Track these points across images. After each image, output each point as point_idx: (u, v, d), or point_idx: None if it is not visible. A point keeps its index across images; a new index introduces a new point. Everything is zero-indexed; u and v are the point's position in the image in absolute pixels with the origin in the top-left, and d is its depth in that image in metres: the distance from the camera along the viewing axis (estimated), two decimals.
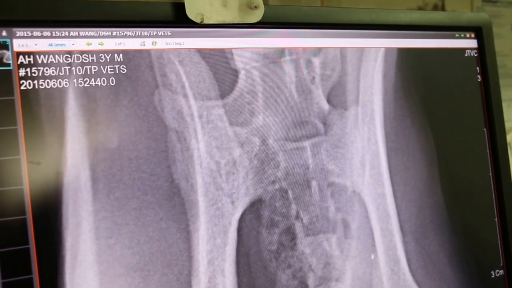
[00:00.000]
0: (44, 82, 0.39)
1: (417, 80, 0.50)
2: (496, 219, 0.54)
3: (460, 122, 0.54)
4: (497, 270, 0.53)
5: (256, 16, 0.45)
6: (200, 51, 0.41)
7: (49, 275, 0.35)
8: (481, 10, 1.15)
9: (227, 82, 0.41)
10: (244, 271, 0.40)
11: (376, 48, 0.47)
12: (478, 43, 0.58)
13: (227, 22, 0.44)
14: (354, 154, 0.45)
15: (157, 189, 0.38)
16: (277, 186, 0.42)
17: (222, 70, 0.42)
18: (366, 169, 0.45)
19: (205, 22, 0.43)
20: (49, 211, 0.35)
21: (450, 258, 0.48)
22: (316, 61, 0.44)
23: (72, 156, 0.36)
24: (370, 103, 0.46)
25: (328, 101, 0.45)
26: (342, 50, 0.46)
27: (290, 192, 0.42)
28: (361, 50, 0.47)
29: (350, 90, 0.46)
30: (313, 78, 0.44)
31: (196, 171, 0.39)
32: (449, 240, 0.49)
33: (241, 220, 0.41)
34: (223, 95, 0.41)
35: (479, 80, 0.56)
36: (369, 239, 0.45)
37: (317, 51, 0.45)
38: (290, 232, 0.42)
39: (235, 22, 0.45)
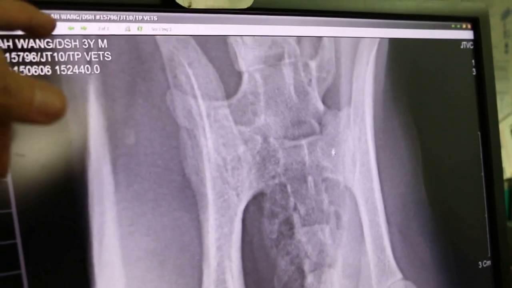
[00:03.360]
0: (25, 68, 0.40)
1: (408, 79, 0.56)
2: (485, 214, 0.59)
3: (453, 117, 0.58)
4: (485, 261, 0.59)
5: (247, 1, 0.47)
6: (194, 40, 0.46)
7: (78, 258, 0.41)
8: None
9: (231, 84, 0.48)
10: (249, 257, 0.48)
11: (367, 52, 0.54)
12: (475, 34, 0.59)
13: (216, 8, 0.46)
14: (346, 152, 0.53)
15: (170, 182, 0.45)
16: (277, 180, 0.49)
17: (227, 73, 0.47)
18: (357, 165, 0.53)
19: (193, 7, 0.45)
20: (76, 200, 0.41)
21: (431, 248, 0.56)
22: (313, 64, 0.51)
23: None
24: (362, 104, 0.54)
25: (324, 102, 0.52)
26: (337, 53, 0.52)
27: (288, 186, 0.50)
28: (354, 53, 0.53)
29: (343, 92, 0.53)
30: (310, 80, 0.51)
31: (205, 166, 0.46)
32: (431, 232, 0.57)
33: (245, 211, 0.48)
34: (228, 96, 0.47)
35: (474, 73, 0.59)
36: (358, 230, 0.53)
37: (314, 54, 0.51)
38: (288, 223, 0.49)
39: (225, 7, 0.47)
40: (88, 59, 0.43)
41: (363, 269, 0.53)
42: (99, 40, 0.43)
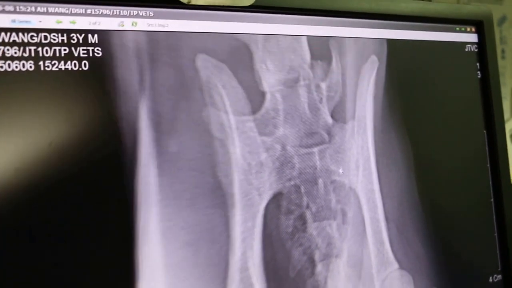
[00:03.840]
0: (4, 63, 0.38)
1: (409, 88, 0.59)
2: (494, 224, 0.62)
3: (458, 119, 0.60)
4: (495, 275, 0.62)
5: None
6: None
7: (126, 246, 0.46)
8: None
9: (256, 102, 0.53)
10: (268, 248, 0.53)
11: (368, 76, 0.60)
12: (479, 37, 0.60)
13: (216, 4, 0.45)
14: (351, 158, 0.58)
15: (204, 184, 0.50)
16: (292, 182, 0.55)
17: (253, 93, 0.53)
18: (360, 170, 0.59)
19: (193, 3, 0.44)
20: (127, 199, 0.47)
21: (423, 242, 0.62)
22: (323, 85, 0.57)
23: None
24: (364, 118, 0.59)
25: (332, 116, 0.57)
26: (343, 76, 0.58)
27: (302, 187, 0.55)
28: (357, 77, 0.59)
29: (348, 108, 0.59)
30: (321, 99, 0.57)
31: (233, 170, 0.51)
32: (423, 228, 0.62)
33: (266, 208, 0.53)
34: (254, 111, 0.53)
35: (479, 76, 0.60)
36: (361, 225, 0.59)
37: (324, 77, 0.57)
38: (302, 218, 0.55)
39: (226, 4, 0.46)
40: (76, 54, 0.41)
41: (365, 259, 0.59)
42: (89, 35, 0.41)
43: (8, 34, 0.38)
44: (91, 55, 0.41)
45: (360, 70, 0.60)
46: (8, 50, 0.38)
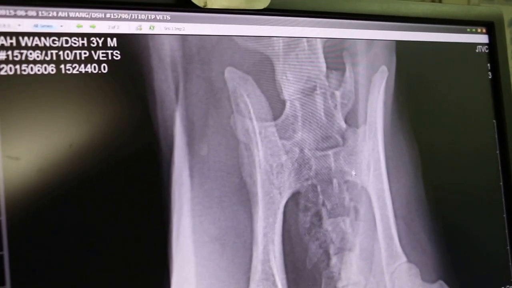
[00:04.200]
0: (27, 67, 0.38)
1: (418, 92, 0.61)
2: (505, 223, 0.63)
3: (468, 121, 0.61)
4: (508, 286, 0.64)
5: (263, 2, 0.47)
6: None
7: (161, 239, 0.49)
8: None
9: (278, 109, 0.57)
10: (287, 241, 0.56)
11: (378, 84, 0.63)
12: (489, 38, 0.60)
13: (232, 8, 0.46)
14: (363, 160, 0.61)
15: (231, 183, 0.53)
16: (310, 182, 0.57)
17: (275, 101, 0.55)
18: (371, 170, 0.61)
19: (209, 6, 0.44)
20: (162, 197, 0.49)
21: (429, 237, 0.64)
22: (338, 94, 0.60)
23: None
24: (374, 123, 0.62)
25: (345, 121, 0.60)
26: (356, 85, 0.61)
27: (318, 186, 0.58)
28: (368, 86, 0.62)
29: (360, 114, 0.61)
30: (335, 105, 0.59)
31: (257, 171, 0.54)
32: (430, 224, 0.64)
33: (286, 205, 0.56)
34: (275, 118, 0.56)
35: (490, 77, 0.61)
36: (372, 221, 0.61)
37: (338, 86, 0.60)
38: (318, 215, 0.57)
39: (241, 8, 0.46)
40: (95, 58, 0.41)
41: (375, 253, 0.61)
42: (108, 39, 0.42)
43: (31, 38, 0.39)
44: (110, 58, 0.42)
45: (371, 79, 0.63)
46: (30, 54, 0.38)
